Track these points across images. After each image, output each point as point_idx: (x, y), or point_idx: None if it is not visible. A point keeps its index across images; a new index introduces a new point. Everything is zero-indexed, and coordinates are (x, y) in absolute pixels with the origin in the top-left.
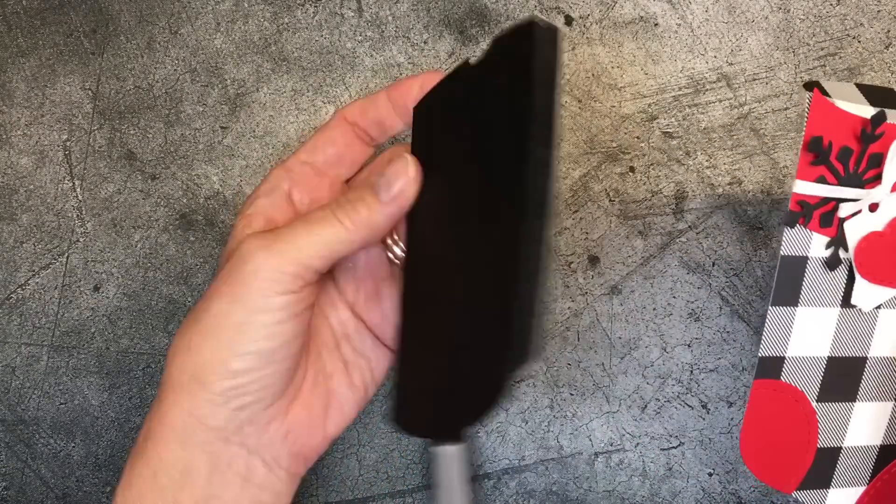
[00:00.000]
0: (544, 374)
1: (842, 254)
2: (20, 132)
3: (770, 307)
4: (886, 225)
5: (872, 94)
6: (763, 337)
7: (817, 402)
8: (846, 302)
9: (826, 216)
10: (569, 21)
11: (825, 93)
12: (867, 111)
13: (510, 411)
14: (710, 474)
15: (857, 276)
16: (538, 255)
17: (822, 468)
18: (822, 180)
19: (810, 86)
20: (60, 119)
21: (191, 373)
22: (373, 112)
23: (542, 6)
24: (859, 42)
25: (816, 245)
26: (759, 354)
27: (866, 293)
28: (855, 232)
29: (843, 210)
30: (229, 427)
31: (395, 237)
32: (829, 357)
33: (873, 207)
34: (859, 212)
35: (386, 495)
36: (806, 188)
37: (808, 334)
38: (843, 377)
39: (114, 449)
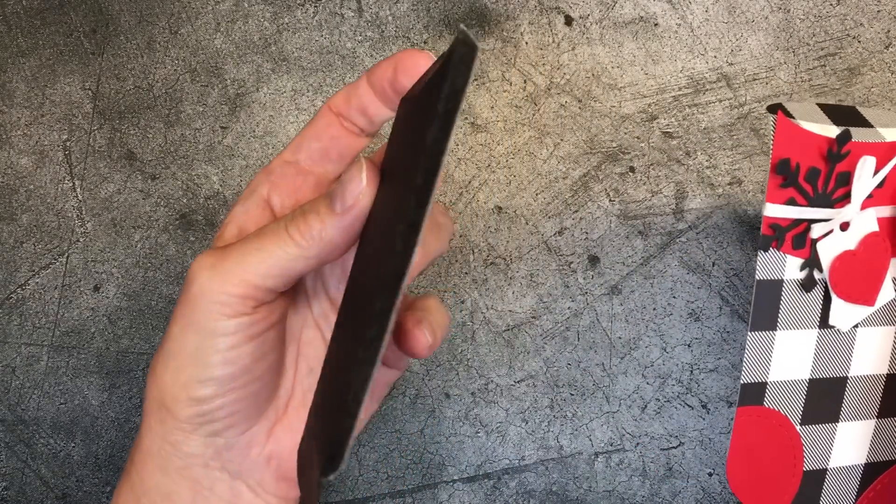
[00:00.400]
0: (544, 374)
1: (817, 275)
2: (20, 132)
3: (749, 332)
4: (859, 243)
5: (835, 113)
6: (744, 363)
7: (801, 425)
8: (824, 323)
9: (798, 238)
10: (569, 21)
11: (789, 114)
12: (832, 131)
13: (510, 411)
14: (710, 474)
15: (834, 297)
16: (376, 349)
17: (810, 491)
18: (792, 202)
19: (774, 108)
20: (60, 119)
21: (157, 400)
22: (355, 100)
23: (542, 6)
24: (859, 42)
25: (791, 267)
26: (741, 381)
27: (843, 313)
28: (828, 252)
29: (815, 231)
30: (207, 453)
31: None
32: (810, 379)
33: (844, 226)
34: (831, 231)
35: (386, 495)
36: (777, 211)
37: (788, 358)
38: (826, 399)
39: (114, 449)
